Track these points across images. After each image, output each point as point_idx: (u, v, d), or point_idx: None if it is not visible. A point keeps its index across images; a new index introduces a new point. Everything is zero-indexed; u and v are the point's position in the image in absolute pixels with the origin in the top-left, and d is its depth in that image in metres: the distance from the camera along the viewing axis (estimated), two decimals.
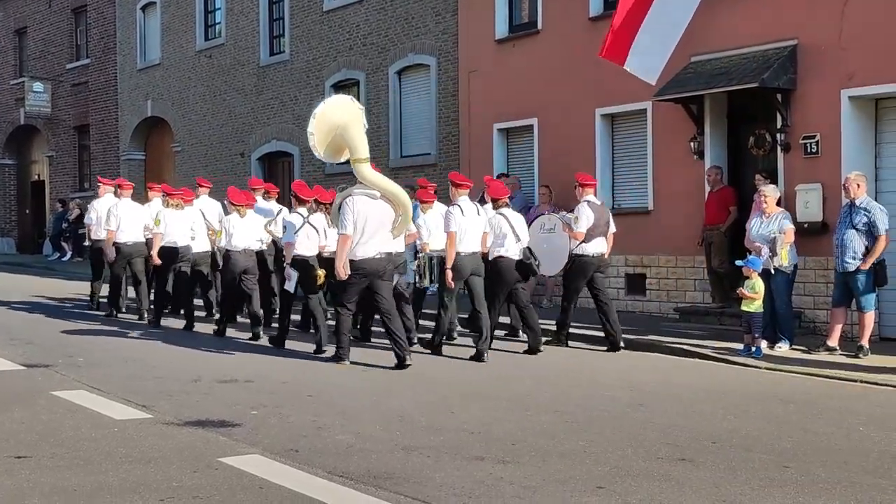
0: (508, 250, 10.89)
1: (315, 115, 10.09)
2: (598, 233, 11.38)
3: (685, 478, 5.84)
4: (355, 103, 10.42)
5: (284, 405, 7.93)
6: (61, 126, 29.73)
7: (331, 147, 10.14)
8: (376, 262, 9.88)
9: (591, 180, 11.94)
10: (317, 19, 20.66)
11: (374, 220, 9.86)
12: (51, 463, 6.00)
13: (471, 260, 10.71)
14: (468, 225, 10.65)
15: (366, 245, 9.82)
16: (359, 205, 9.85)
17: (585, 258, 11.38)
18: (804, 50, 12.28)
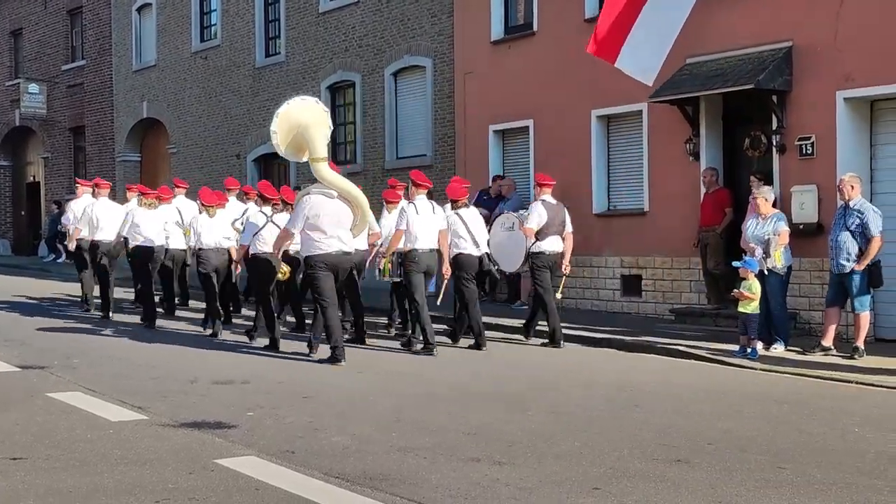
0: (466, 248, 11.40)
1: (278, 115, 10.46)
2: (553, 231, 11.76)
3: (681, 479, 5.84)
4: (320, 105, 10.79)
5: (280, 406, 7.92)
6: (57, 127, 29.69)
7: (292, 146, 10.47)
8: (335, 257, 10.13)
9: (549, 180, 12.18)
10: (313, 21, 20.66)
11: (330, 217, 10.11)
12: (46, 464, 5.99)
13: (427, 257, 11.10)
14: (423, 223, 11.01)
15: (324, 242, 10.08)
16: (315, 203, 10.13)
17: (542, 255, 11.74)
18: (800, 51, 12.29)
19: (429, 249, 11.09)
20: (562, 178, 15.30)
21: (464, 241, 11.44)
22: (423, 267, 11.11)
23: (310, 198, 10.22)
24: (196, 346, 11.69)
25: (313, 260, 10.14)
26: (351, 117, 20.09)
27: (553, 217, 11.77)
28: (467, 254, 11.43)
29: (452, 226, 11.43)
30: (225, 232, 12.76)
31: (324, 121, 10.51)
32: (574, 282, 15.33)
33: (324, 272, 10.12)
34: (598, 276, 14.99)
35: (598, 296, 15.00)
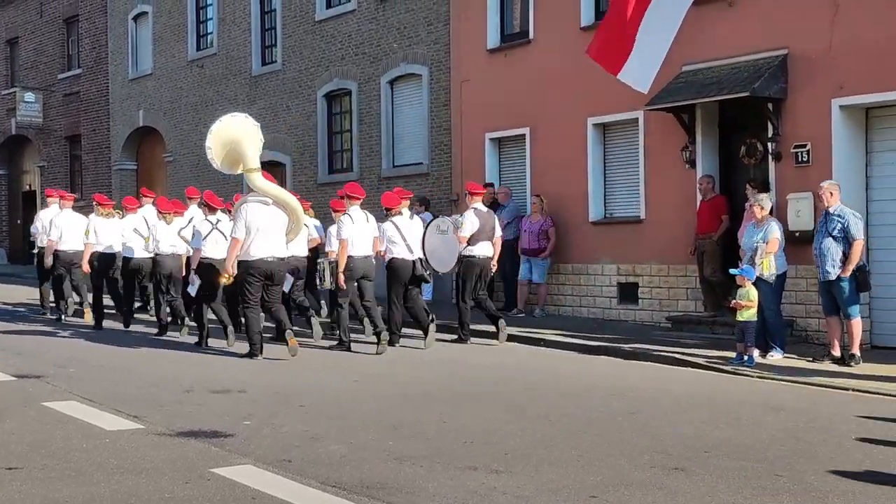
0: (400, 254, 12.19)
1: (211, 132, 11.29)
2: (484, 237, 12.65)
3: (678, 487, 5.84)
4: (250, 119, 11.47)
5: (277, 415, 7.91)
6: (53, 136, 29.67)
7: (227, 160, 11.21)
8: (267, 263, 10.89)
9: (480, 189, 13.23)
10: (309, 29, 20.68)
11: (265, 224, 10.87)
12: (42, 474, 5.97)
13: (362, 263, 11.91)
14: (358, 232, 11.84)
15: (258, 247, 10.82)
16: (251, 211, 10.88)
17: (473, 259, 12.61)
18: (795, 59, 12.32)
19: (363, 256, 11.89)
20: (558, 185, 15.38)
21: (398, 246, 12.16)
22: (358, 273, 11.87)
23: (247, 206, 10.94)
24: (192, 355, 11.67)
25: (247, 265, 10.84)
26: (347, 125, 20.11)
27: (484, 224, 12.61)
28: (401, 258, 12.18)
29: (386, 232, 12.17)
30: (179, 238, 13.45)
31: (255, 134, 11.19)
32: (571, 290, 15.37)
33: (255, 278, 10.87)
34: (595, 283, 15.00)
35: (595, 303, 15.00)
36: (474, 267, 12.63)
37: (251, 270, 10.84)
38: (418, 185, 18.08)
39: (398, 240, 12.15)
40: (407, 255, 12.22)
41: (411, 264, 12.25)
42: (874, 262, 11.66)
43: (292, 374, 10.20)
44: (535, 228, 15.18)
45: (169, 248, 13.38)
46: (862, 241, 10.57)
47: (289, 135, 21.27)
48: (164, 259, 13.36)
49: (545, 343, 12.67)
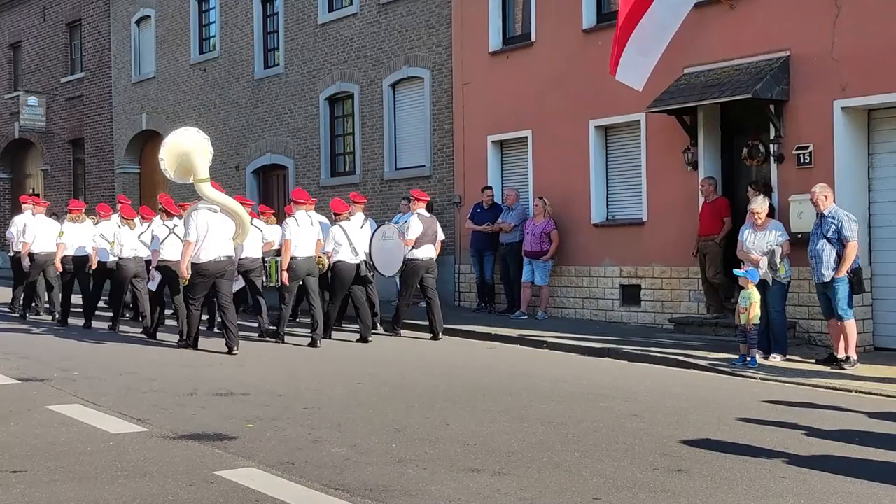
0: (345, 257, 13.13)
1: (165, 144, 12.21)
2: (427, 241, 13.53)
3: (681, 489, 5.84)
4: (201, 134, 12.29)
5: (280, 418, 7.92)
6: (56, 140, 29.72)
7: (179, 170, 12.04)
8: (216, 264, 11.86)
9: (424, 196, 14.12)
10: (311, 32, 20.71)
11: (214, 229, 11.80)
12: (46, 477, 5.99)
13: (305, 263, 12.83)
14: (302, 234, 12.78)
15: (208, 250, 11.78)
16: (201, 217, 11.82)
17: (416, 262, 13.48)
18: (797, 61, 12.33)
19: (306, 257, 12.81)
20: (560, 188, 15.39)
21: (344, 249, 13.13)
22: (301, 272, 12.83)
23: (197, 213, 11.88)
24: (195, 357, 11.69)
25: (197, 268, 11.82)
26: (350, 128, 20.13)
27: (427, 228, 13.54)
28: (344, 261, 13.14)
29: (334, 236, 13.13)
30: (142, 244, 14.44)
31: (205, 147, 12.07)
32: (573, 292, 15.38)
33: (203, 279, 11.89)
34: (598, 285, 15.01)
35: (598, 305, 15.01)
36: (418, 269, 13.50)
37: (201, 272, 11.83)
38: (420, 187, 18.06)
39: (344, 243, 13.11)
40: (352, 257, 13.18)
41: (355, 266, 13.25)
42: (876, 264, 11.67)
43: (296, 378, 10.21)
44: (538, 231, 15.19)
45: (131, 252, 14.32)
46: (856, 243, 10.56)
47: (291, 138, 21.30)
48: (127, 263, 14.35)
49: (548, 345, 12.68)
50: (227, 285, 12.22)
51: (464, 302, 17.13)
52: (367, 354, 12.04)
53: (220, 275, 11.96)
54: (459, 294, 17.30)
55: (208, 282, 11.96)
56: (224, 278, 12.07)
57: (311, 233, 12.92)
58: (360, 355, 11.93)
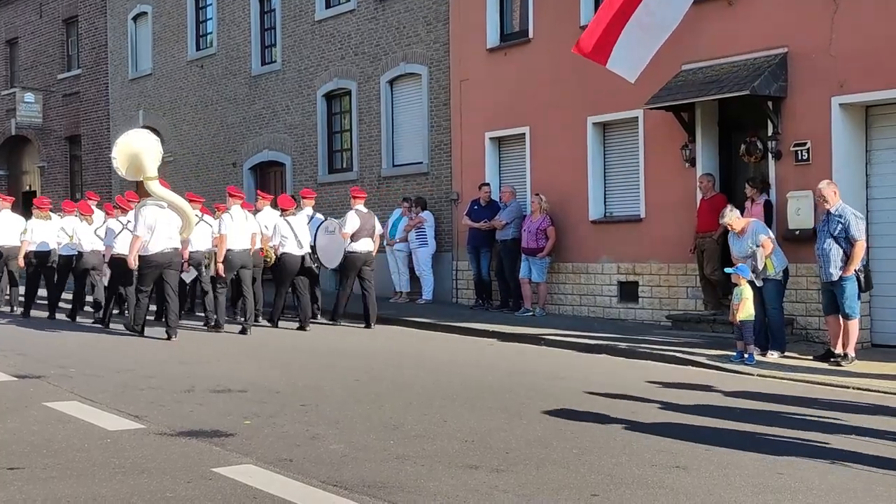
0: (290, 249, 14.04)
1: (116, 144, 12.99)
2: (365, 234, 14.37)
3: (679, 485, 5.84)
4: (152, 136, 13.21)
5: (278, 414, 7.91)
6: (52, 136, 29.67)
7: (131, 169, 12.78)
8: (163, 255, 12.78)
9: (362, 193, 14.99)
10: (308, 29, 20.68)
11: (161, 224, 12.73)
12: (43, 474, 5.98)
13: (240, 255, 13.70)
14: (237, 228, 13.66)
15: (156, 243, 12.71)
16: (149, 212, 12.75)
17: (355, 254, 14.32)
18: (794, 58, 12.33)
19: (241, 249, 13.70)
20: (558, 185, 15.39)
21: (289, 242, 14.04)
22: (235, 264, 13.67)
23: (145, 209, 12.82)
24: (193, 354, 11.69)
25: (146, 259, 12.78)
26: (347, 125, 20.11)
27: (364, 223, 14.36)
28: (290, 253, 14.09)
29: (280, 229, 14.10)
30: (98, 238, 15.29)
31: (154, 147, 12.88)
32: (571, 288, 15.38)
33: (151, 269, 12.83)
34: (595, 282, 15.01)
35: (595, 302, 15.01)
36: (356, 261, 14.37)
37: (150, 263, 12.80)
38: (418, 184, 18.10)
39: (290, 236, 14.05)
40: (297, 250, 14.12)
41: (300, 259, 14.16)
42: (874, 261, 11.67)
43: (294, 375, 10.20)
44: (534, 228, 15.19)
45: (89, 245, 15.24)
46: (863, 242, 10.56)
47: (289, 134, 21.28)
48: (87, 256, 15.27)
49: (545, 342, 12.69)
50: (174, 276, 13.09)
51: (461, 299, 17.13)
52: (364, 352, 12.04)
53: (167, 265, 12.89)
54: (457, 291, 17.30)
55: (156, 272, 12.88)
56: (170, 269, 12.97)
57: (245, 227, 13.84)
58: (358, 349, 11.93)
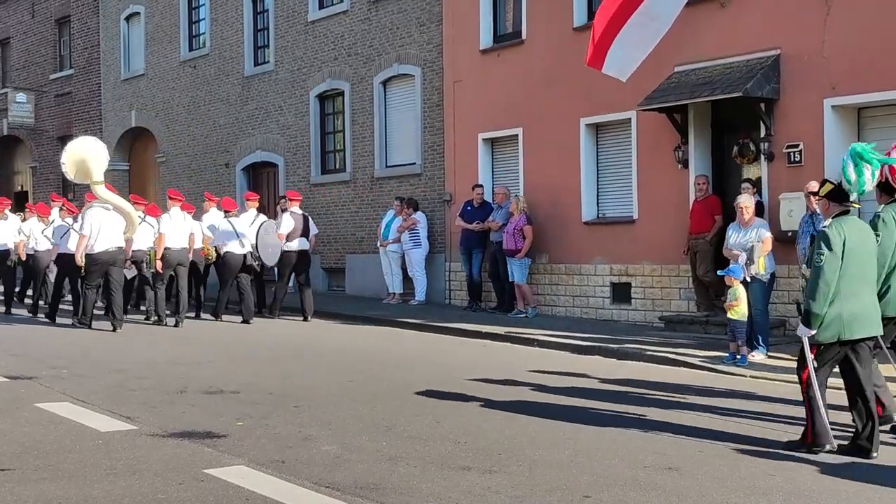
0: (233, 248, 15.08)
1: (66, 151, 13.82)
2: (299, 235, 15.54)
3: (672, 486, 5.85)
4: (99, 142, 14.01)
5: (270, 416, 7.90)
6: (44, 136, 29.60)
7: (79, 173, 13.55)
8: (108, 254, 13.75)
9: (297, 196, 16.27)
10: (301, 30, 20.66)
11: (106, 225, 13.72)
12: (35, 475, 5.96)
13: (177, 253, 14.61)
14: (175, 228, 14.65)
15: (101, 242, 13.68)
16: (94, 214, 13.77)
17: (290, 253, 15.51)
18: (787, 60, 12.35)
19: (179, 248, 14.61)
20: (551, 186, 15.40)
21: (232, 241, 15.08)
22: (173, 262, 14.60)
23: (92, 211, 13.86)
24: (185, 356, 11.66)
25: (92, 257, 13.75)
26: (340, 126, 20.08)
27: (298, 224, 15.56)
28: (232, 252, 15.10)
29: (223, 228, 15.24)
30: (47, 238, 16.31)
31: (101, 153, 13.61)
32: (564, 290, 15.39)
33: (98, 266, 13.80)
34: (588, 283, 15.02)
35: (588, 303, 15.01)
36: (291, 259, 15.53)
37: (96, 261, 13.78)
38: (411, 185, 18.09)
39: (232, 236, 15.08)
40: (239, 249, 15.12)
41: (242, 257, 15.11)
42: None
43: (286, 376, 10.19)
44: (512, 228, 15.22)
45: (45, 245, 16.30)
46: None
47: (281, 135, 21.26)
48: (41, 255, 16.43)
49: (538, 343, 12.69)
50: (118, 273, 14.09)
51: (454, 300, 17.12)
52: (359, 352, 12.03)
53: (111, 263, 13.88)
54: (450, 292, 17.29)
55: (102, 269, 13.87)
56: (115, 266, 13.98)
57: (184, 227, 14.82)
58: (352, 350, 11.92)
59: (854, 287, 6.73)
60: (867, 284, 6.86)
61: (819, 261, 6.67)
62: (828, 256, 6.65)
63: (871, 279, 6.91)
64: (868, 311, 6.79)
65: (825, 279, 6.63)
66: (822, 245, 6.70)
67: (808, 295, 6.76)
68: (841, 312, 6.67)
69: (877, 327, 6.86)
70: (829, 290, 6.63)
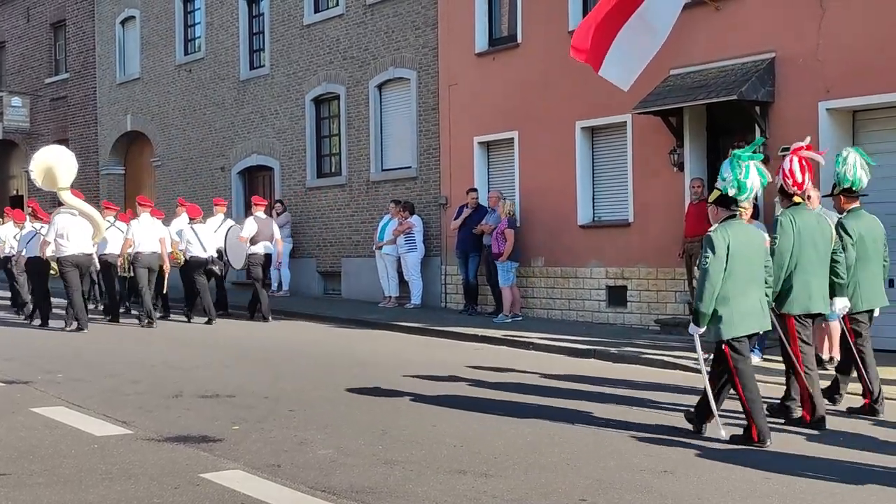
0: (195, 252, 15.87)
1: (34, 159, 14.64)
2: (264, 238, 16.29)
3: (667, 490, 5.85)
4: (67, 151, 14.59)
5: (266, 420, 7.90)
6: (40, 141, 29.46)
7: (46, 180, 14.19)
8: (76, 258, 14.42)
9: (262, 201, 17.03)
10: (297, 33, 20.66)
11: (73, 230, 14.37)
12: (30, 480, 5.95)
13: (148, 257, 15.38)
14: (144, 232, 15.39)
15: (69, 247, 14.34)
16: (60, 220, 14.45)
17: (254, 255, 16.20)
18: (782, 63, 12.38)
19: (149, 252, 15.37)
20: (547, 189, 15.40)
21: (194, 246, 15.86)
22: (144, 264, 15.35)
23: (59, 217, 14.53)
24: (180, 359, 11.65)
25: (64, 260, 14.40)
26: (336, 129, 20.08)
27: (262, 228, 16.24)
28: (196, 256, 15.90)
29: (186, 234, 16.03)
30: None
31: (68, 161, 14.17)
32: (560, 293, 15.39)
33: (70, 268, 14.40)
34: (584, 286, 15.03)
35: (584, 307, 15.03)
36: (259, 260, 16.29)
37: (65, 264, 14.40)
38: (407, 188, 18.10)
39: (195, 241, 15.88)
40: (201, 253, 15.87)
41: (204, 261, 15.90)
42: None
43: (282, 380, 10.18)
44: (496, 231, 15.25)
45: (9, 250, 17.60)
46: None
47: (277, 139, 21.25)
48: (17, 260, 17.05)
49: (534, 346, 12.69)
50: (73, 276, 14.50)
51: (450, 303, 17.12)
52: (354, 355, 12.02)
53: (77, 267, 14.49)
54: (446, 296, 17.30)
55: (76, 271, 14.45)
56: (81, 271, 14.63)
57: (153, 232, 15.51)
58: (346, 354, 11.92)
59: (741, 287, 7.17)
60: (754, 284, 7.28)
61: (705, 263, 7.11)
62: (712, 259, 7.09)
63: (758, 279, 7.34)
64: (755, 309, 7.26)
65: (710, 280, 7.06)
66: (708, 249, 7.13)
67: (696, 295, 7.26)
68: (732, 311, 7.12)
69: (765, 323, 7.39)
70: (715, 290, 7.07)
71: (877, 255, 8.75)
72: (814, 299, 7.98)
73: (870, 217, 8.99)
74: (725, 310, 7.10)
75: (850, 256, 8.44)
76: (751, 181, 7.41)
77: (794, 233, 8.01)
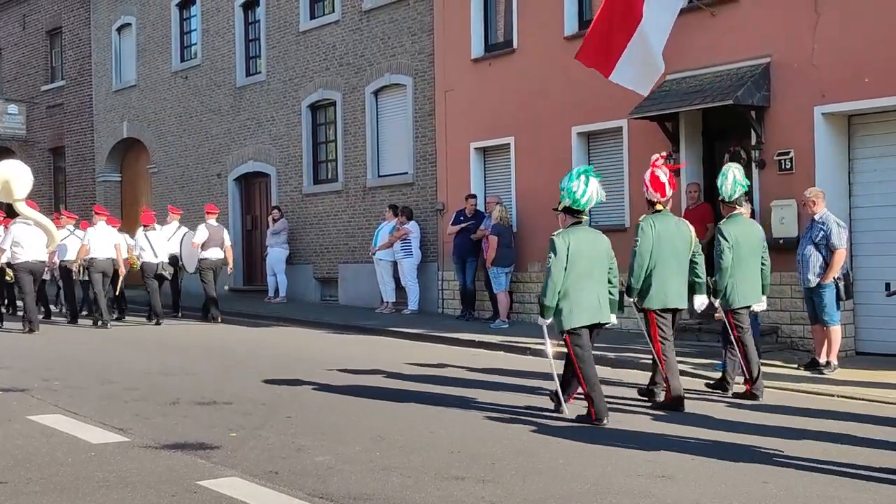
0: (148, 258, 16.98)
1: None
2: (214, 244, 17.43)
3: (665, 494, 5.85)
4: (23, 166, 14.76)
5: (263, 427, 7.89)
6: (36, 148, 29.56)
7: (2, 192, 14.50)
8: (30, 264, 15.60)
9: (214, 209, 17.99)
10: (293, 40, 20.68)
11: (27, 239, 15.58)
12: (27, 488, 5.94)
13: (103, 262, 16.44)
14: (99, 239, 16.48)
15: (24, 255, 15.58)
16: (16, 230, 15.67)
17: (205, 261, 17.37)
18: (777, 67, 12.40)
19: (104, 258, 16.45)
20: (543, 194, 15.38)
21: (146, 252, 16.98)
22: (99, 269, 16.35)
23: (15, 226, 15.76)
24: (177, 367, 11.64)
25: (19, 266, 15.60)
26: (332, 136, 20.10)
27: (213, 235, 17.43)
28: (147, 261, 17.02)
29: (139, 241, 17.16)
30: None
31: (23, 175, 14.47)
32: None
33: (25, 274, 15.57)
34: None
35: None
36: (210, 265, 17.39)
37: (21, 270, 15.57)
38: (403, 194, 18.10)
39: (147, 247, 17.02)
40: (153, 258, 17.02)
41: (156, 266, 16.98)
42: (857, 269, 11.73)
43: (279, 387, 10.17)
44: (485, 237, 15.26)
45: None
46: (843, 251, 10.62)
47: (273, 145, 21.26)
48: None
49: (531, 352, 12.68)
50: (27, 280, 15.55)
51: (447, 309, 17.12)
52: (350, 361, 12.02)
53: (34, 273, 15.67)
54: (443, 301, 17.29)
55: (29, 277, 15.57)
56: (36, 277, 15.81)
57: (108, 239, 16.62)
58: (343, 360, 11.91)
59: (581, 283, 8.14)
60: (592, 282, 8.23)
61: (548, 263, 8.12)
62: (554, 260, 8.10)
63: (597, 278, 8.29)
64: (593, 304, 8.23)
65: (552, 278, 8.07)
66: (551, 251, 8.14)
67: (541, 291, 8.19)
68: (571, 305, 8.10)
69: (602, 316, 8.33)
70: (556, 286, 8.07)
71: (753, 256, 9.47)
72: (670, 296, 8.88)
73: (748, 222, 9.78)
74: (566, 304, 8.10)
75: (727, 258, 9.26)
76: (588, 194, 8.45)
77: (654, 236, 8.89)
